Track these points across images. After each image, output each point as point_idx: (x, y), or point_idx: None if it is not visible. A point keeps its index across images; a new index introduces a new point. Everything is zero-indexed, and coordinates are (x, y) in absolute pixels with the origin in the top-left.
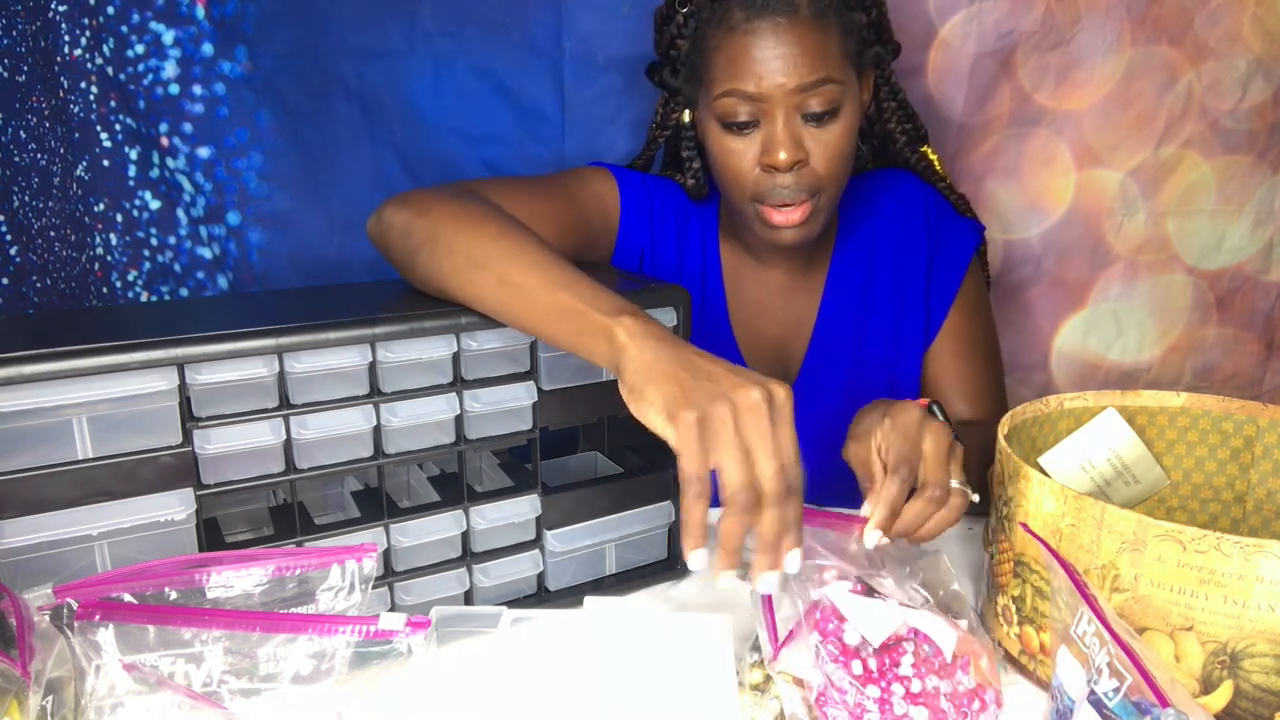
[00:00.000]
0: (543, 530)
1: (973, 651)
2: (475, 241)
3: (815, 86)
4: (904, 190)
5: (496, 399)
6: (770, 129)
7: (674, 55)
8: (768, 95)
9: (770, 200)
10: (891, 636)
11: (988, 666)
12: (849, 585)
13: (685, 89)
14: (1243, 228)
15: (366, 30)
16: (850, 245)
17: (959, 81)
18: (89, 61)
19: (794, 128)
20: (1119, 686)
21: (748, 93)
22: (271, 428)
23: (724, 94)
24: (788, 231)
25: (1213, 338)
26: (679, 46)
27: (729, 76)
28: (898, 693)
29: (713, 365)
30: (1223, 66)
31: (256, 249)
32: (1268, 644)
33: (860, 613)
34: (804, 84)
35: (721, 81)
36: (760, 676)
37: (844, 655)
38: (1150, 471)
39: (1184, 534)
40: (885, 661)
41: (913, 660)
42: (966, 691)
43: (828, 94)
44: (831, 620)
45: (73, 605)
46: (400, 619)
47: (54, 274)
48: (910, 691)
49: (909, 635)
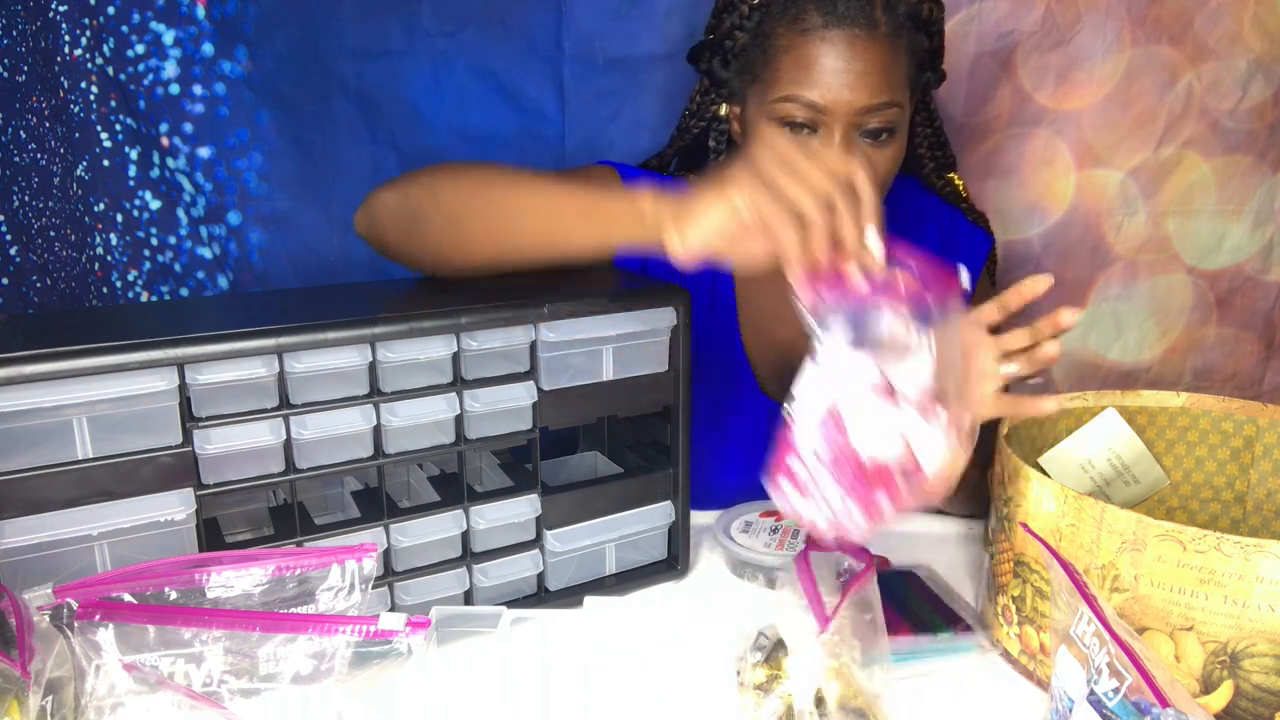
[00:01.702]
0: (543, 530)
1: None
2: (470, 188)
3: (880, 108)
4: (914, 198)
5: (496, 399)
6: (827, 142)
7: (729, 45)
8: (831, 108)
9: None
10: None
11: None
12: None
13: (734, 81)
14: (1243, 228)
15: (366, 30)
16: None
17: (959, 81)
18: (89, 61)
19: (851, 144)
20: (1118, 686)
21: (811, 101)
22: (271, 428)
23: (785, 98)
24: None
25: (1213, 338)
26: (737, 38)
27: (794, 81)
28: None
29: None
30: (1223, 66)
31: (256, 249)
32: (1268, 644)
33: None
34: (870, 104)
35: (785, 84)
36: (763, 676)
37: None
38: (1150, 471)
39: (1184, 534)
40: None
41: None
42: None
43: (889, 116)
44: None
45: (73, 605)
46: (400, 619)
47: (54, 274)
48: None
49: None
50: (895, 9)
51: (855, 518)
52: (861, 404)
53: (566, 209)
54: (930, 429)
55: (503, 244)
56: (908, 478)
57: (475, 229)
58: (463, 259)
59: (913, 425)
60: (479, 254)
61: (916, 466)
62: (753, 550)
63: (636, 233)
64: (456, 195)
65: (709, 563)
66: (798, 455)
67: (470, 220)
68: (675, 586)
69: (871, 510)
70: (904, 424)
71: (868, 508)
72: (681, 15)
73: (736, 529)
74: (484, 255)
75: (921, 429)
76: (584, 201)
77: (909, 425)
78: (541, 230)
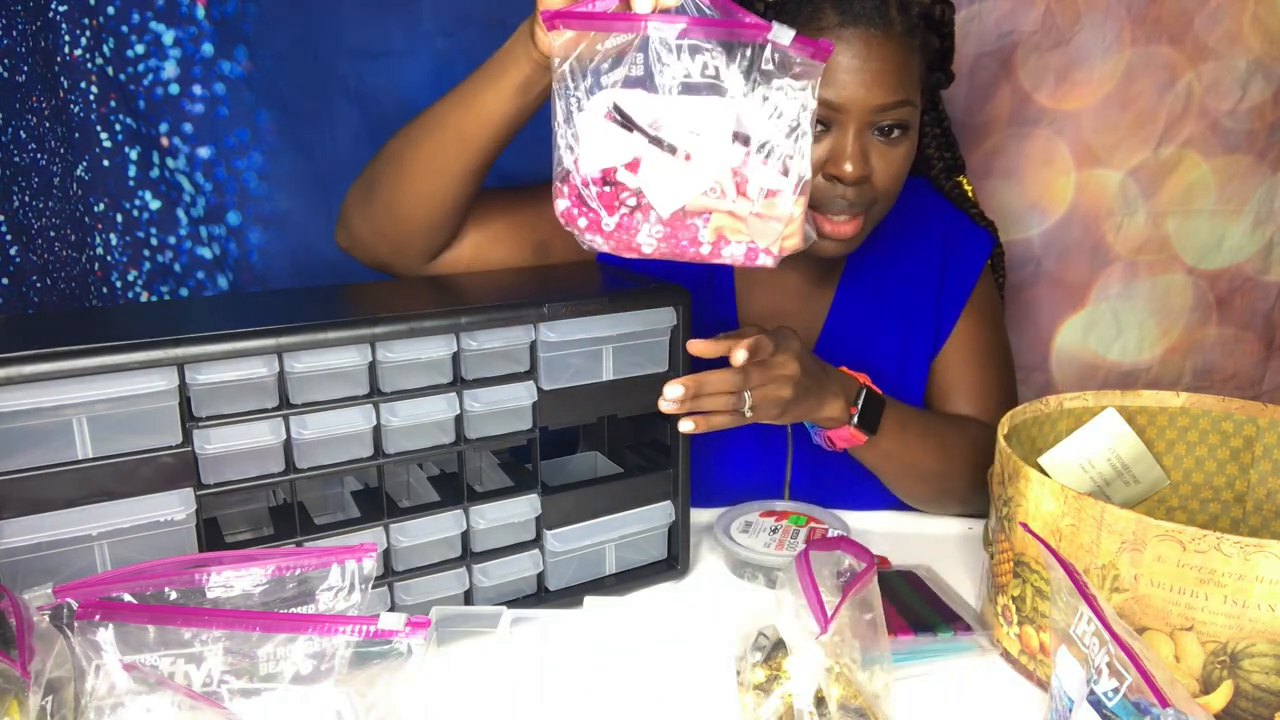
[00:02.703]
0: (543, 530)
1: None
2: (401, 132)
3: (894, 107)
4: (921, 198)
5: (496, 399)
6: (840, 139)
7: None
8: (846, 107)
9: (827, 209)
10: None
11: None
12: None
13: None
14: (1243, 228)
15: (366, 30)
16: (866, 250)
17: (959, 81)
18: (89, 61)
19: (864, 142)
20: (1118, 686)
21: (826, 99)
22: (271, 428)
23: None
24: (834, 243)
25: (1213, 338)
26: None
27: None
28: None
29: None
30: (1223, 66)
31: (256, 249)
32: (1268, 644)
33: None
34: (884, 103)
35: None
36: (763, 676)
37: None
38: (1150, 471)
39: (1184, 534)
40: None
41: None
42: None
43: (902, 114)
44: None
45: (73, 605)
46: (400, 619)
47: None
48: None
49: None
50: (909, 9)
51: (581, 231)
52: (596, 125)
53: (464, 85)
54: (667, 161)
55: (435, 154)
56: (637, 201)
57: (409, 155)
58: (413, 195)
59: (647, 154)
60: (422, 178)
61: (638, 194)
62: (753, 550)
63: (518, 56)
64: (390, 143)
65: (709, 563)
66: (571, 175)
67: (404, 151)
68: (675, 586)
69: (599, 229)
70: (636, 148)
71: (595, 227)
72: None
73: (736, 529)
74: (426, 176)
75: (656, 160)
76: (475, 72)
77: (642, 152)
78: (455, 116)
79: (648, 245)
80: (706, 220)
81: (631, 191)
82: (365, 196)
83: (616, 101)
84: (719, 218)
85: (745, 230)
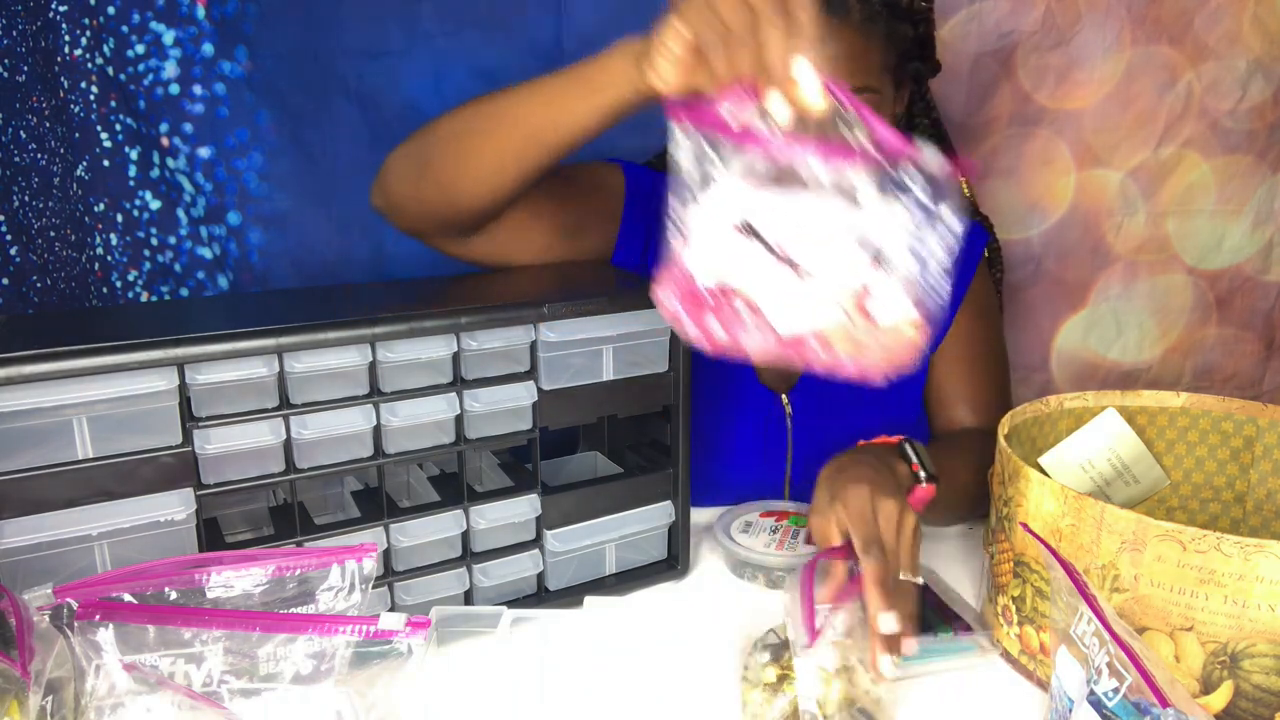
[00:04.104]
0: (543, 530)
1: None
2: (464, 109)
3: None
4: None
5: (496, 399)
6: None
7: None
8: None
9: None
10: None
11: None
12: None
13: None
14: (1243, 228)
15: (366, 30)
16: None
17: (959, 81)
18: (89, 61)
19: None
20: (1118, 687)
21: None
22: (271, 428)
23: None
24: None
25: (1213, 338)
26: None
27: None
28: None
29: None
30: (1223, 66)
31: (256, 249)
32: (1268, 644)
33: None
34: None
35: None
36: (774, 675)
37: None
38: (1150, 471)
39: (1184, 534)
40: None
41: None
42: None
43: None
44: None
45: (73, 605)
46: (400, 619)
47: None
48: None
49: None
50: None
51: (689, 332)
52: (714, 230)
53: (552, 88)
54: (790, 278)
55: (504, 147)
56: (752, 314)
57: (475, 142)
58: (471, 181)
59: (770, 270)
60: (485, 167)
61: (755, 308)
62: (753, 550)
63: (619, 80)
64: (452, 119)
65: (709, 563)
66: (680, 269)
67: (469, 136)
68: (675, 586)
69: (707, 335)
70: (760, 264)
71: (703, 330)
72: None
73: (736, 529)
74: (490, 166)
75: (779, 277)
76: (565, 75)
77: (766, 268)
78: (536, 118)
79: (756, 353)
80: (821, 337)
81: (746, 301)
82: (416, 169)
83: (746, 217)
84: (836, 335)
85: (861, 349)
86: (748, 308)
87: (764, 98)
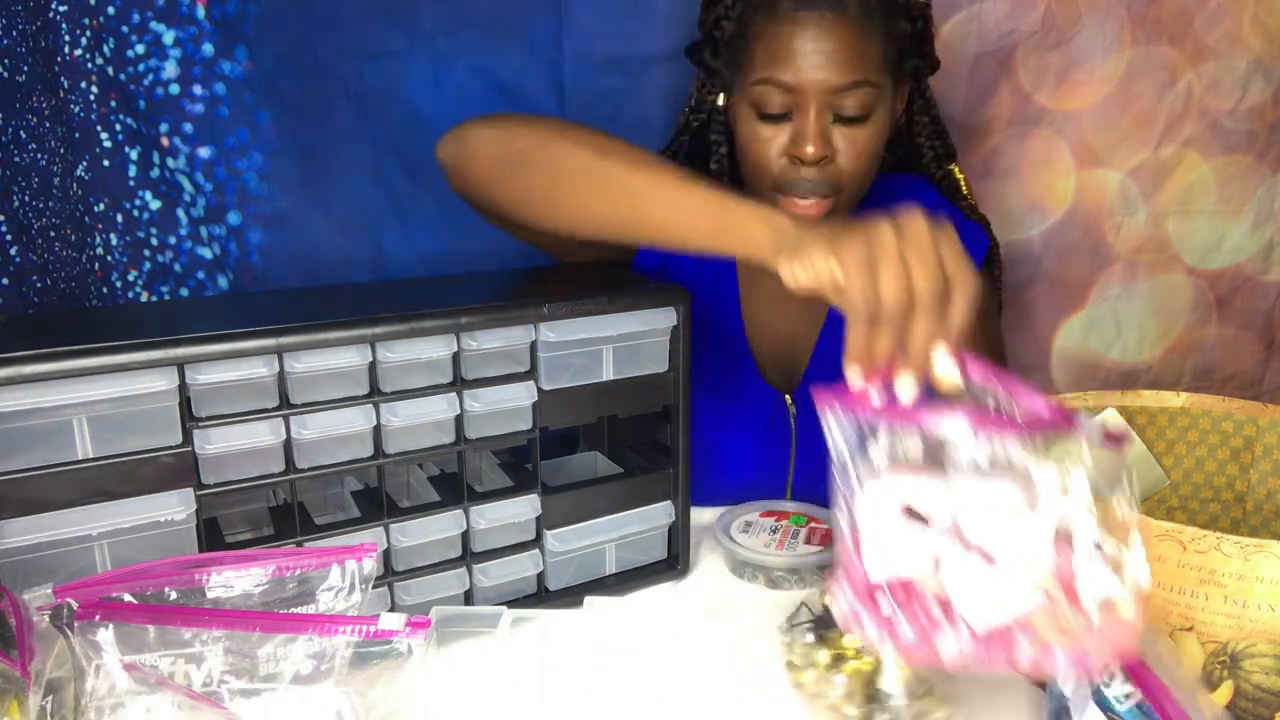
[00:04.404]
0: (543, 530)
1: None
2: (588, 153)
3: (851, 87)
4: (916, 195)
5: (496, 399)
6: (801, 122)
7: (717, 36)
8: (803, 88)
9: (792, 191)
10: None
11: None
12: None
13: (724, 72)
14: (1243, 228)
15: (366, 30)
16: None
17: (959, 81)
18: (89, 61)
19: (824, 124)
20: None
21: (784, 82)
22: (271, 428)
23: (760, 81)
24: None
25: (1213, 338)
26: (723, 28)
27: (767, 64)
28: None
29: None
30: (1223, 66)
31: (256, 249)
32: (1268, 644)
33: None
34: (841, 83)
35: (759, 68)
36: (828, 657)
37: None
38: (1150, 471)
39: (1184, 534)
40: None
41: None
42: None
43: (862, 96)
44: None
45: (73, 605)
46: (400, 619)
47: (54, 274)
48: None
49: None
50: None
51: (870, 634)
52: (882, 522)
53: (691, 202)
54: (979, 567)
55: (609, 216)
56: (944, 610)
57: (585, 194)
58: (551, 218)
59: (948, 554)
60: (576, 218)
61: (946, 600)
62: (753, 550)
63: (757, 249)
64: (572, 155)
65: (709, 563)
66: (853, 564)
67: (582, 184)
68: (675, 586)
69: (893, 637)
70: (934, 549)
71: (887, 632)
72: (681, 15)
73: (736, 529)
74: (583, 221)
75: (960, 561)
76: (712, 203)
77: (942, 552)
78: (659, 216)
79: (953, 658)
80: (1028, 630)
81: (934, 598)
82: (505, 166)
83: (908, 501)
84: (1042, 623)
85: (1073, 636)
86: (937, 603)
87: (897, 375)
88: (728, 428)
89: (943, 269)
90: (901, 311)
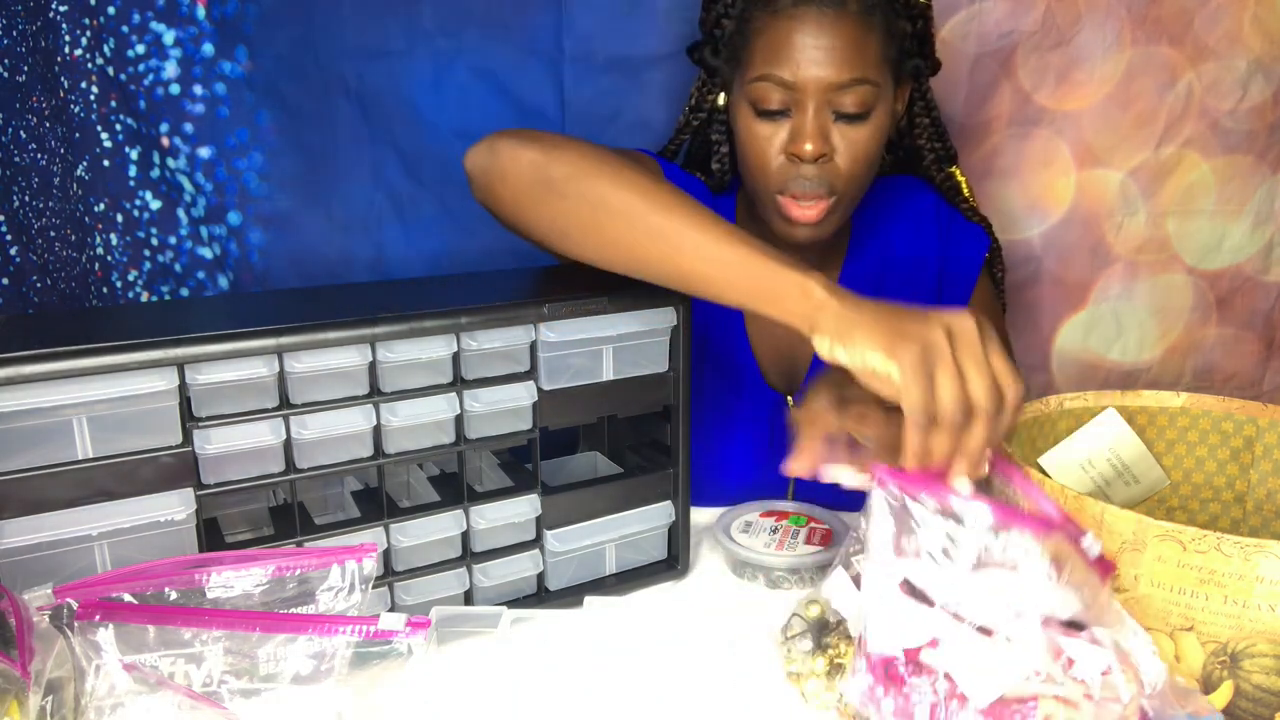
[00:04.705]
0: (543, 530)
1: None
2: (631, 194)
3: (851, 85)
4: (916, 197)
5: (496, 399)
6: (800, 119)
7: (718, 34)
8: (802, 85)
9: (791, 190)
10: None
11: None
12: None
13: (724, 70)
14: (1243, 228)
15: (366, 30)
16: (863, 250)
17: (959, 81)
18: (89, 61)
19: (823, 121)
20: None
21: (783, 79)
22: (271, 428)
23: (759, 78)
24: (802, 229)
25: (1213, 338)
26: (724, 26)
27: (766, 61)
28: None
29: (912, 308)
30: (1223, 66)
31: (257, 249)
32: (1268, 644)
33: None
34: (840, 80)
35: (759, 65)
36: (824, 666)
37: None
38: (1150, 471)
39: (1184, 534)
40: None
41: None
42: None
43: (861, 94)
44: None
45: (73, 605)
46: (400, 619)
47: (54, 274)
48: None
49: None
50: None
51: (884, 709)
52: (886, 599)
53: (729, 259)
54: (986, 647)
55: (644, 259)
56: (948, 684)
57: (622, 235)
58: (580, 250)
59: (948, 633)
60: (609, 255)
61: (948, 677)
62: (753, 550)
63: (791, 317)
64: (614, 194)
65: (709, 563)
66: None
67: (621, 226)
68: (675, 586)
69: (900, 710)
70: (936, 628)
71: (894, 705)
72: (681, 15)
73: (736, 529)
74: (615, 260)
75: (959, 639)
76: (750, 263)
77: (942, 631)
78: (696, 269)
79: None
80: (1034, 707)
81: (940, 676)
82: (538, 191)
83: (908, 577)
84: (1048, 704)
85: (1080, 714)
86: (942, 680)
87: (953, 476)
88: (728, 428)
89: (995, 377)
90: (960, 419)
